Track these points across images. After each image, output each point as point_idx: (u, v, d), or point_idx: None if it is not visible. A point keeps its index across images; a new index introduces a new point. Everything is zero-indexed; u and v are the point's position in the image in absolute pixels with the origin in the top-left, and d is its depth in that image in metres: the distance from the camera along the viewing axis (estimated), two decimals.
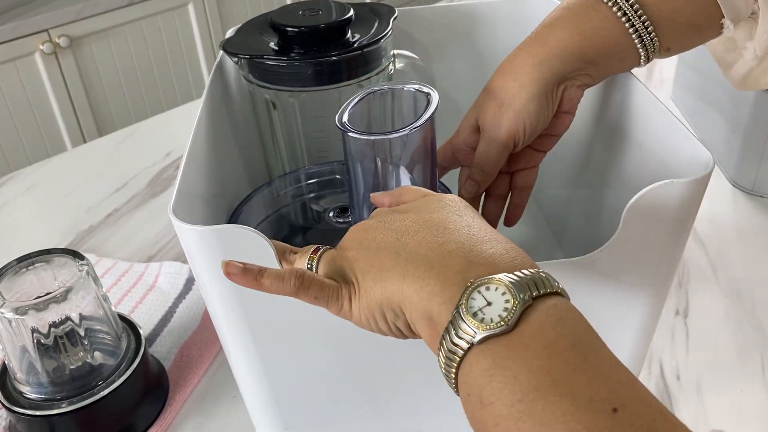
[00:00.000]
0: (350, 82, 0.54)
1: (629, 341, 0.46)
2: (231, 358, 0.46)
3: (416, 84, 0.43)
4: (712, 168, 0.38)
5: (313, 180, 0.57)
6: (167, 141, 0.97)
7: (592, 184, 0.58)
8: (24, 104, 1.68)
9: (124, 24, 1.78)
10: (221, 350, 0.61)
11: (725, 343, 0.58)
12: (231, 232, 0.37)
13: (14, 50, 1.62)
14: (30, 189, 0.88)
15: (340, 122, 0.41)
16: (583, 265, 0.40)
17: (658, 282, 0.42)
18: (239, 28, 0.58)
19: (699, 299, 0.63)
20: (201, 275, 0.40)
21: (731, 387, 0.54)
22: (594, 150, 0.57)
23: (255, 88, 0.57)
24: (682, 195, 0.38)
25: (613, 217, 0.52)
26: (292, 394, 0.47)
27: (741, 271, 0.66)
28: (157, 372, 0.57)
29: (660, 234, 0.39)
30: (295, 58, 0.52)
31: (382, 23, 0.55)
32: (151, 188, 0.86)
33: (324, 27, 0.53)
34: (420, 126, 0.40)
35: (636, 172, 0.49)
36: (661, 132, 0.45)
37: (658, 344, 0.58)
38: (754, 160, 0.74)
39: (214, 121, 0.52)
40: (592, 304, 0.42)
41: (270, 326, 0.42)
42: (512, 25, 0.65)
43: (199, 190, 0.45)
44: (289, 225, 0.55)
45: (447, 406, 0.49)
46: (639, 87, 0.48)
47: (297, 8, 0.56)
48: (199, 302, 0.66)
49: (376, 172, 0.42)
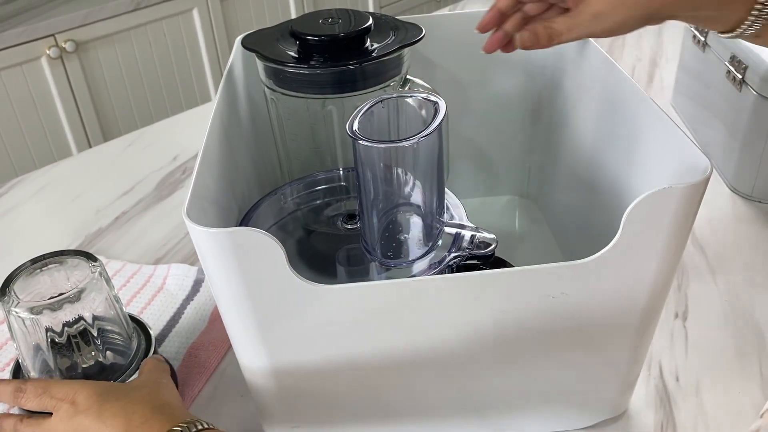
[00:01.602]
0: (367, 91, 0.55)
1: (629, 343, 0.47)
2: (240, 357, 0.47)
3: (423, 93, 0.44)
4: (709, 173, 0.39)
5: (321, 186, 0.58)
6: (174, 145, 0.98)
7: (591, 189, 0.60)
8: (30, 108, 1.69)
9: (130, 29, 1.80)
10: (229, 350, 0.62)
11: (724, 346, 0.59)
12: (244, 235, 0.38)
13: (21, 54, 1.63)
14: (39, 192, 0.89)
15: (350, 130, 0.42)
16: (584, 269, 0.41)
17: (658, 285, 0.43)
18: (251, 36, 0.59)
19: (698, 302, 0.64)
20: (213, 276, 0.42)
21: (730, 388, 0.55)
22: (594, 155, 0.58)
23: (272, 94, 0.58)
24: (681, 200, 0.39)
25: (612, 221, 0.54)
26: (301, 395, 0.48)
27: (739, 275, 0.67)
28: None
29: (659, 238, 0.40)
30: (315, 66, 0.54)
31: (399, 33, 0.57)
32: (159, 191, 0.88)
33: (343, 36, 0.54)
34: (429, 133, 0.41)
35: (635, 177, 0.51)
36: (660, 138, 0.46)
37: (658, 346, 0.60)
38: (753, 166, 0.76)
39: (225, 126, 0.53)
40: (593, 307, 0.44)
41: (280, 327, 0.43)
42: None
43: (211, 194, 0.46)
44: (298, 230, 0.56)
45: (454, 409, 0.50)
46: (638, 93, 0.50)
47: (317, 17, 0.57)
48: (206, 303, 0.67)
49: (386, 179, 0.43)
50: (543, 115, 0.69)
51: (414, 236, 0.47)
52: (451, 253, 0.48)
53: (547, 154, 0.70)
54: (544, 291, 0.42)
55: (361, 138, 0.41)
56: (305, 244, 0.56)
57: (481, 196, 0.77)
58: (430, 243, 0.48)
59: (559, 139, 0.67)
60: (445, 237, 0.49)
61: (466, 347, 0.45)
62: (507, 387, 0.49)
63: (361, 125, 0.43)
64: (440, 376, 0.47)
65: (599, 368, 0.48)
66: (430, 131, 0.41)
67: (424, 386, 0.48)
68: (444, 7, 1.65)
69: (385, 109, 0.46)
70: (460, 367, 0.47)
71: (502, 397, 0.49)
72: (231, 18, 2.01)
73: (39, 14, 1.67)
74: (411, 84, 0.58)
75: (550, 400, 0.50)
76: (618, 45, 1.20)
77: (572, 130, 0.63)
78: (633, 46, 1.19)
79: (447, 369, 0.47)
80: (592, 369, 0.48)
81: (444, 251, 0.48)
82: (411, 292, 0.42)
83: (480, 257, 0.48)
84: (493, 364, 0.47)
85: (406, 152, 0.43)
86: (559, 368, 0.47)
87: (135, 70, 1.85)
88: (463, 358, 0.46)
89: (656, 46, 1.18)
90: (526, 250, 0.71)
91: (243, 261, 0.39)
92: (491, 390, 0.49)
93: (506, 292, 0.42)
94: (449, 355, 0.46)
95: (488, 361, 0.46)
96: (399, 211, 0.47)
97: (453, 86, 0.68)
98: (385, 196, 0.45)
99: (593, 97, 0.58)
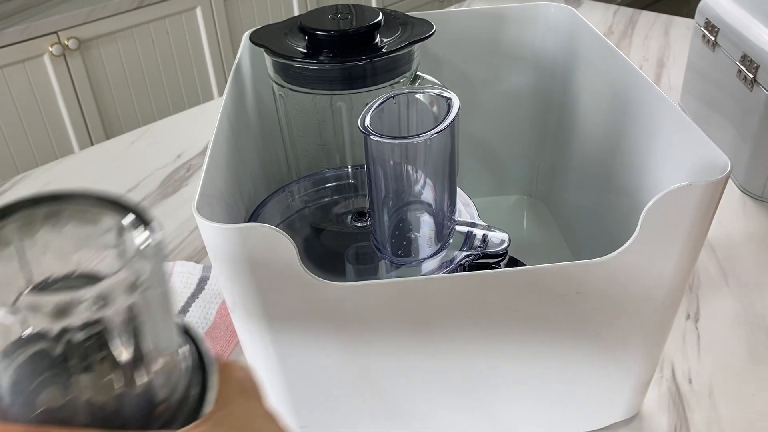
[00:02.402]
0: (376, 87, 0.54)
1: (644, 344, 0.46)
2: (249, 356, 0.46)
3: (436, 88, 0.44)
4: (729, 171, 0.38)
5: (329, 184, 0.57)
6: (178, 143, 0.97)
7: (602, 188, 0.59)
8: (32, 106, 1.69)
9: (133, 27, 1.79)
10: (235, 349, 0.61)
11: (736, 347, 0.59)
12: (255, 231, 0.37)
13: (23, 52, 1.63)
14: (42, 189, 0.89)
15: (362, 125, 0.41)
16: (600, 268, 0.40)
17: (674, 285, 0.42)
18: (259, 31, 0.58)
19: (709, 303, 0.63)
20: (223, 273, 0.41)
21: (743, 391, 0.55)
22: (607, 154, 0.58)
23: (280, 90, 0.57)
24: (701, 198, 0.38)
25: (624, 220, 0.53)
26: (309, 394, 0.47)
27: (751, 276, 0.66)
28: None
29: (677, 237, 0.40)
30: (324, 61, 0.53)
31: (408, 28, 0.56)
32: (163, 189, 0.87)
33: (353, 31, 0.53)
34: (442, 130, 0.41)
35: (649, 175, 0.50)
36: (676, 135, 0.46)
37: (670, 348, 0.59)
38: (764, 167, 0.75)
39: (233, 122, 0.52)
40: (609, 307, 0.43)
41: (289, 327, 0.42)
42: (526, 30, 0.66)
43: (219, 191, 0.46)
44: (306, 227, 0.56)
45: (465, 410, 0.49)
46: (653, 90, 0.49)
47: (325, 12, 0.56)
48: (212, 301, 0.66)
49: (397, 176, 0.43)
50: (552, 114, 0.69)
51: (425, 234, 0.47)
52: (462, 251, 0.47)
53: (557, 153, 0.70)
54: (559, 290, 0.41)
55: (373, 134, 0.41)
56: (313, 241, 0.55)
57: (489, 196, 0.76)
58: (441, 241, 0.47)
59: (569, 138, 0.66)
60: (456, 236, 0.48)
61: (478, 347, 0.44)
62: (519, 387, 0.48)
63: (372, 121, 0.42)
64: (451, 376, 0.47)
65: (613, 369, 0.47)
66: (443, 127, 0.41)
67: (435, 385, 0.47)
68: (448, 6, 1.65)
69: (396, 105, 0.45)
70: (472, 368, 0.46)
71: (514, 398, 0.49)
72: (234, 16, 2.01)
73: (42, 12, 1.67)
74: (421, 80, 0.58)
75: (562, 401, 0.49)
76: (625, 45, 1.19)
77: (583, 128, 0.63)
78: (640, 46, 1.18)
79: (458, 369, 0.46)
80: (605, 370, 0.47)
81: (455, 250, 0.47)
82: (423, 291, 0.41)
83: (492, 256, 0.47)
84: (505, 364, 0.46)
85: (419, 149, 0.42)
86: (572, 369, 0.47)
87: (138, 68, 1.84)
88: (474, 358, 0.45)
89: (663, 46, 1.18)
90: (534, 250, 0.70)
91: (253, 257, 0.38)
92: (503, 390, 0.48)
93: (520, 291, 0.41)
94: (461, 354, 0.45)
95: (500, 362, 0.46)
96: (410, 208, 0.46)
97: (461, 83, 0.68)
98: (396, 194, 0.45)
99: (605, 95, 0.57)
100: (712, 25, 0.83)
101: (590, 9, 1.38)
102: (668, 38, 1.21)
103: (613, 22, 1.31)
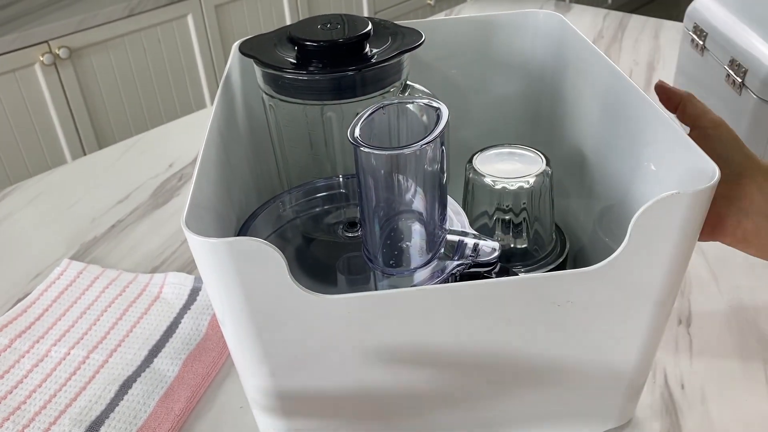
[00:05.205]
0: (366, 97, 0.54)
1: (636, 351, 0.46)
2: (239, 368, 0.46)
3: (425, 98, 0.44)
4: (718, 179, 0.38)
5: (321, 194, 0.57)
6: (169, 152, 0.97)
7: (591, 196, 0.59)
8: (24, 115, 1.68)
9: (124, 35, 1.79)
10: (227, 360, 0.61)
11: (728, 352, 0.59)
12: (244, 245, 0.37)
13: (14, 61, 1.62)
14: (34, 200, 0.88)
15: (352, 137, 0.41)
16: (591, 276, 0.40)
17: (665, 292, 0.42)
18: (249, 41, 0.58)
19: (701, 308, 0.64)
20: (212, 287, 0.41)
21: (736, 395, 0.55)
22: (595, 162, 0.58)
23: (270, 101, 0.57)
24: (690, 206, 0.38)
25: (614, 228, 0.53)
26: (301, 405, 0.47)
27: (742, 279, 0.66)
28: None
29: (667, 244, 0.40)
30: (314, 72, 0.53)
31: (398, 38, 0.56)
32: (155, 199, 0.87)
33: (342, 41, 0.53)
34: (432, 140, 0.41)
35: (638, 183, 0.50)
36: (664, 143, 0.46)
37: (662, 353, 0.59)
38: None
39: (223, 133, 0.52)
40: (600, 315, 0.43)
41: (280, 337, 0.42)
42: (515, 37, 0.66)
43: (209, 202, 0.46)
44: (298, 237, 0.56)
45: (458, 420, 0.49)
46: (641, 98, 0.49)
47: (315, 22, 0.56)
48: (204, 312, 0.66)
49: (387, 187, 0.43)
50: (542, 121, 0.69)
51: (416, 244, 0.47)
52: (454, 260, 0.47)
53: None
54: (550, 299, 0.42)
55: (363, 145, 0.41)
56: (304, 252, 0.55)
57: None
58: (433, 251, 0.47)
59: (559, 146, 0.66)
60: (447, 245, 0.48)
61: (470, 356, 0.44)
62: (511, 396, 0.48)
63: (362, 132, 0.42)
64: (444, 386, 0.47)
65: (605, 376, 0.47)
66: (432, 138, 0.41)
67: (427, 396, 0.47)
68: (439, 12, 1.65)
69: (386, 115, 0.45)
70: (464, 377, 0.46)
71: (507, 407, 0.49)
72: (225, 24, 2.01)
73: (32, 21, 1.66)
74: (411, 90, 0.58)
75: (555, 408, 0.49)
76: (615, 49, 1.20)
77: (572, 136, 0.63)
78: (630, 50, 1.19)
79: (451, 379, 0.46)
80: (598, 377, 0.47)
81: (446, 259, 0.47)
82: (417, 302, 0.41)
83: (483, 265, 0.47)
84: (497, 373, 0.46)
85: (409, 159, 0.42)
86: (564, 377, 0.47)
87: (129, 76, 1.84)
88: (467, 367, 0.45)
89: (653, 50, 1.18)
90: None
91: (243, 271, 0.38)
92: (495, 399, 0.48)
93: (511, 300, 0.41)
94: (453, 364, 0.45)
95: (493, 370, 0.46)
96: (401, 218, 0.46)
97: (451, 91, 0.68)
98: (387, 204, 0.45)
99: (594, 102, 0.58)
100: (701, 29, 0.84)
101: (580, 13, 1.39)
102: (658, 42, 1.21)
103: (603, 26, 1.31)
